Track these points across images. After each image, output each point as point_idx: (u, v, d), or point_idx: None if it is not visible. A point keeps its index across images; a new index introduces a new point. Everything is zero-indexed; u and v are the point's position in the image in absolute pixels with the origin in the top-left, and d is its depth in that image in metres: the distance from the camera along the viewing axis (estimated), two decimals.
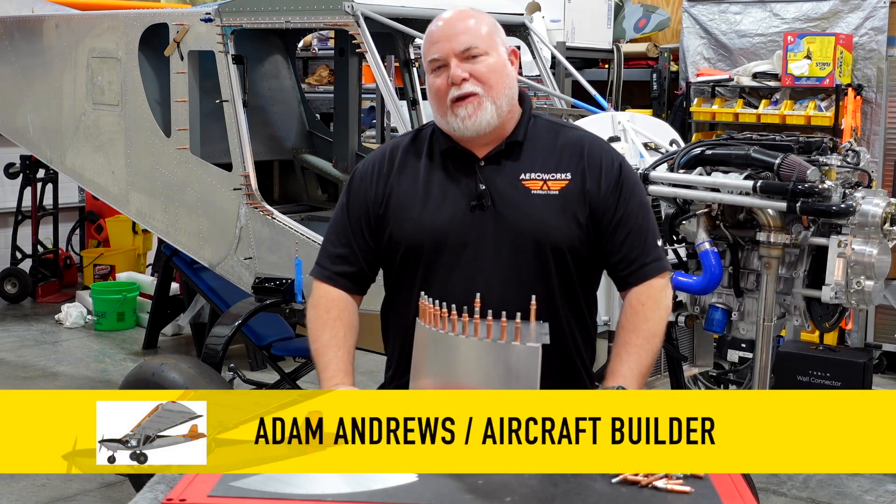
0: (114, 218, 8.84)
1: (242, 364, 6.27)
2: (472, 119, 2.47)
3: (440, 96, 2.50)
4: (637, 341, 2.48)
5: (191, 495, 2.00)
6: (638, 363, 2.46)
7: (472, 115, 2.47)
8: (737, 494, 2.03)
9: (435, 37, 2.52)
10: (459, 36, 2.48)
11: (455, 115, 2.48)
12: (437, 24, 2.54)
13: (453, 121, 2.49)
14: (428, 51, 2.53)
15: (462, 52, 2.47)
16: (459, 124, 2.48)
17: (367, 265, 2.62)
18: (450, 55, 2.47)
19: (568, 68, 5.30)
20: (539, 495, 2.03)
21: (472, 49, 2.48)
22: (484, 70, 2.48)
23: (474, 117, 2.47)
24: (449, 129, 2.52)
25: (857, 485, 5.02)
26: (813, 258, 3.65)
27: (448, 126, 2.51)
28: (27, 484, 4.85)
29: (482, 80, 2.47)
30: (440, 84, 2.49)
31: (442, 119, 2.52)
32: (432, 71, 2.52)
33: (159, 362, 4.35)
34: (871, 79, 6.74)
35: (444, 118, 2.51)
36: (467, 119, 2.47)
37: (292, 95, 5.98)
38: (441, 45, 2.49)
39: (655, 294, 2.53)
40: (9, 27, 5.90)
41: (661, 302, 2.55)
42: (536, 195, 2.49)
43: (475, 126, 2.47)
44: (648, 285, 2.53)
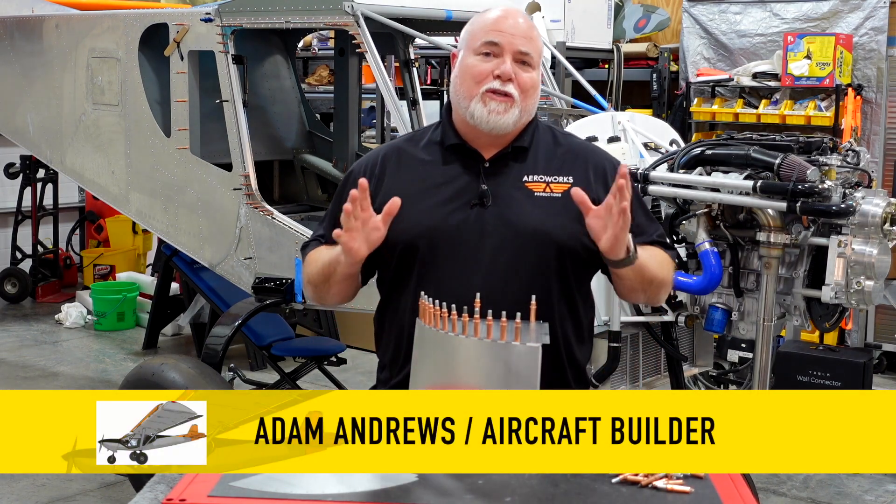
0: (114, 218, 8.85)
1: (242, 364, 6.28)
2: (498, 116, 2.46)
3: (478, 80, 2.47)
4: (649, 250, 2.49)
5: (191, 495, 2.00)
6: (648, 257, 2.44)
7: (500, 114, 2.45)
8: (737, 494, 2.03)
9: (498, 25, 2.49)
10: (524, 38, 2.48)
11: (484, 104, 2.46)
12: (500, 13, 2.51)
13: (479, 108, 2.46)
14: (483, 33, 2.49)
15: (520, 53, 2.47)
16: (484, 115, 2.46)
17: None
18: (509, 49, 2.46)
19: (568, 68, 5.30)
20: (539, 495, 2.03)
21: (528, 57, 2.49)
22: (528, 81, 2.48)
23: (501, 116, 2.46)
24: (467, 113, 2.48)
25: (857, 485, 5.03)
26: (813, 258, 3.65)
27: (469, 111, 2.48)
28: (27, 484, 4.85)
29: (523, 89, 2.47)
30: (484, 69, 2.47)
31: (465, 101, 2.48)
32: (479, 53, 2.48)
33: (159, 362, 4.36)
34: (871, 79, 6.74)
35: (470, 101, 2.47)
36: (494, 114, 2.45)
37: (292, 95, 5.98)
38: (504, 36, 2.47)
39: (668, 259, 2.56)
40: (9, 27, 5.91)
41: (670, 269, 2.56)
42: (539, 197, 2.50)
43: (497, 123, 2.46)
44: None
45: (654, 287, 2.52)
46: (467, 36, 2.54)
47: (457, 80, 2.53)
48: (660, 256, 2.54)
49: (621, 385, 4.00)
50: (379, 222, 2.36)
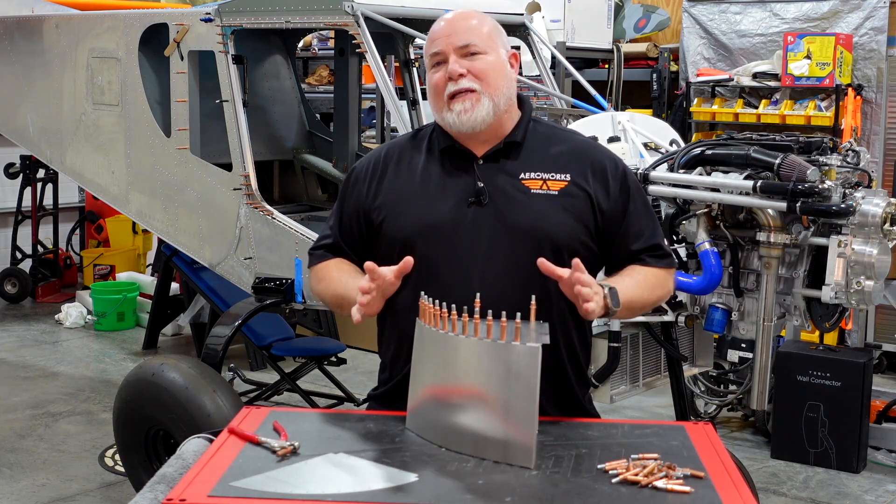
0: (114, 218, 8.85)
1: (242, 364, 6.28)
2: (467, 115, 2.49)
3: (438, 91, 2.53)
4: (638, 277, 2.54)
5: (191, 495, 2.00)
6: (635, 287, 2.49)
7: (468, 111, 2.49)
8: (737, 494, 2.03)
9: (437, 34, 2.55)
10: (460, 33, 2.52)
11: (451, 110, 2.50)
12: (440, 23, 2.58)
13: (449, 116, 2.51)
14: (429, 47, 2.56)
15: (461, 48, 2.50)
16: (455, 119, 2.50)
17: (352, 251, 2.67)
18: (449, 50, 2.51)
19: (568, 68, 5.30)
20: (539, 495, 2.03)
21: (472, 46, 2.51)
22: (482, 67, 2.50)
23: (470, 113, 2.49)
24: (446, 124, 2.54)
25: (857, 485, 5.02)
26: (813, 258, 3.65)
27: (444, 121, 2.54)
28: (27, 484, 4.85)
29: (480, 77, 2.50)
30: (438, 79, 2.53)
31: (439, 115, 2.55)
32: (432, 67, 2.55)
33: (159, 362, 4.35)
34: (871, 79, 6.74)
35: (441, 114, 2.54)
36: (462, 114, 2.49)
37: (292, 95, 5.98)
38: (441, 41, 2.53)
39: (662, 275, 2.60)
40: (9, 27, 5.91)
41: (666, 284, 2.61)
42: (536, 194, 2.50)
43: (470, 122, 2.49)
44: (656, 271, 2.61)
45: (648, 309, 2.61)
46: (424, 56, 2.61)
47: (430, 99, 2.59)
48: (652, 279, 2.57)
49: (621, 385, 4.00)
50: (392, 277, 2.42)
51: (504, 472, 2.13)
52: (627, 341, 3.97)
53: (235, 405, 4.06)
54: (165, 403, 4.19)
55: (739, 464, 3.40)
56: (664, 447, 2.25)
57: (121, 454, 4.54)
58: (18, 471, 5.01)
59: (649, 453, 2.18)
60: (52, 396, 6.15)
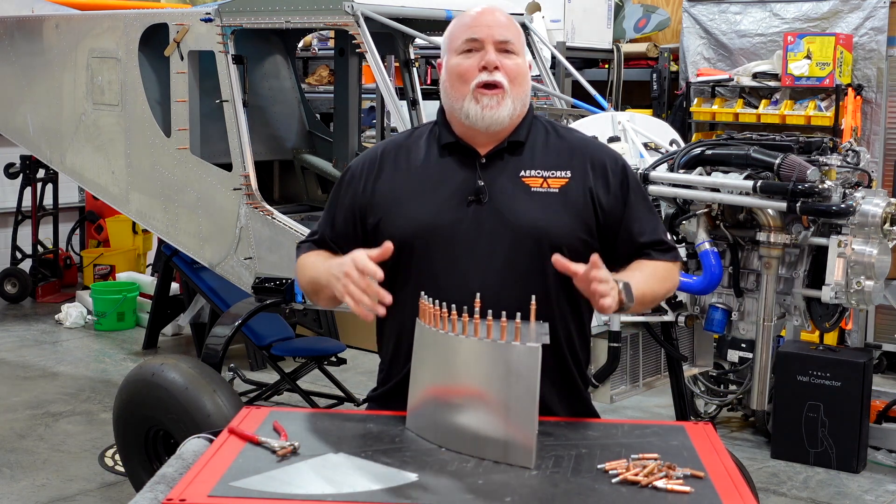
0: (114, 218, 8.85)
1: (242, 364, 6.28)
2: (492, 111, 2.44)
3: (465, 78, 2.45)
4: (647, 271, 2.50)
5: (191, 495, 1.99)
6: (645, 281, 2.45)
7: (494, 108, 2.44)
8: (737, 494, 2.03)
9: (474, 21, 2.49)
10: (501, 27, 2.48)
11: (477, 101, 2.44)
12: (474, 10, 2.51)
13: (472, 107, 2.45)
14: (462, 32, 2.49)
15: (501, 43, 2.46)
16: (478, 112, 2.45)
17: (341, 249, 2.55)
18: (489, 39, 2.46)
19: (568, 68, 5.30)
20: (539, 495, 2.03)
21: (510, 44, 2.48)
22: (514, 67, 2.47)
23: (495, 110, 2.44)
24: (462, 114, 2.47)
25: (857, 485, 5.02)
26: (813, 258, 3.65)
27: (462, 111, 2.47)
28: (27, 484, 4.85)
29: (511, 77, 2.46)
30: (468, 65, 2.46)
31: (458, 103, 2.47)
32: (461, 52, 2.47)
33: (159, 362, 4.35)
34: (871, 79, 6.74)
35: (462, 102, 2.46)
36: (487, 109, 2.44)
37: (292, 95, 5.97)
38: (481, 29, 2.47)
39: (669, 267, 2.57)
40: (9, 27, 5.91)
41: (674, 277, 2.59)
42: (536, 192, 2.49)
43: (492, 118, 2.45)
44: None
45: (658, 302, 2.60)
46: (448, 39, 2.54)
47: (446, 83, 2.52)
48: (661, 272, 2.54)
49: (621, 385, 4.00)
50: (376, 271, 2.27)
51: (504, 472, 2.12)
52: (627, 341, 3.97)
53: (235, 405, 4.06)
54: (165, 403, 4.19)
55: (739, 464, 3.40)
56: (664, 447, 2.24)
57: (121, 454, 4.54)
58: (18, 471, 5.01)
59: (649, 453, 2.18)
60: (52, 396, 6.15)
